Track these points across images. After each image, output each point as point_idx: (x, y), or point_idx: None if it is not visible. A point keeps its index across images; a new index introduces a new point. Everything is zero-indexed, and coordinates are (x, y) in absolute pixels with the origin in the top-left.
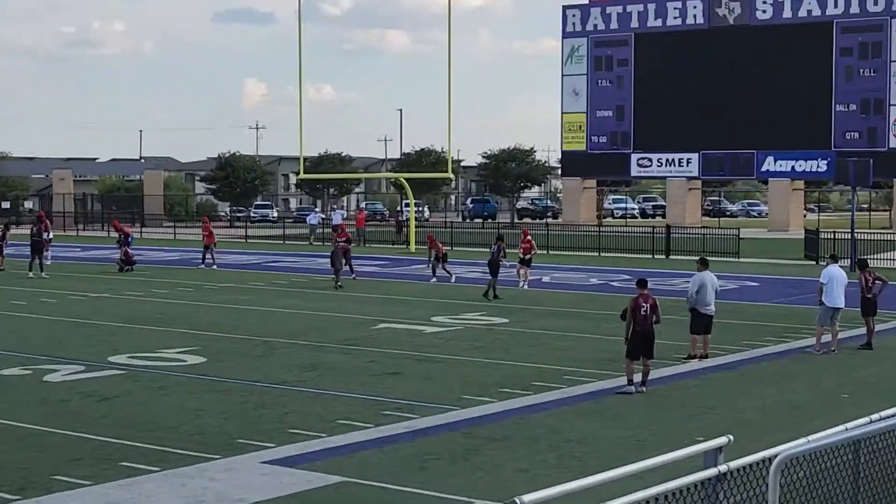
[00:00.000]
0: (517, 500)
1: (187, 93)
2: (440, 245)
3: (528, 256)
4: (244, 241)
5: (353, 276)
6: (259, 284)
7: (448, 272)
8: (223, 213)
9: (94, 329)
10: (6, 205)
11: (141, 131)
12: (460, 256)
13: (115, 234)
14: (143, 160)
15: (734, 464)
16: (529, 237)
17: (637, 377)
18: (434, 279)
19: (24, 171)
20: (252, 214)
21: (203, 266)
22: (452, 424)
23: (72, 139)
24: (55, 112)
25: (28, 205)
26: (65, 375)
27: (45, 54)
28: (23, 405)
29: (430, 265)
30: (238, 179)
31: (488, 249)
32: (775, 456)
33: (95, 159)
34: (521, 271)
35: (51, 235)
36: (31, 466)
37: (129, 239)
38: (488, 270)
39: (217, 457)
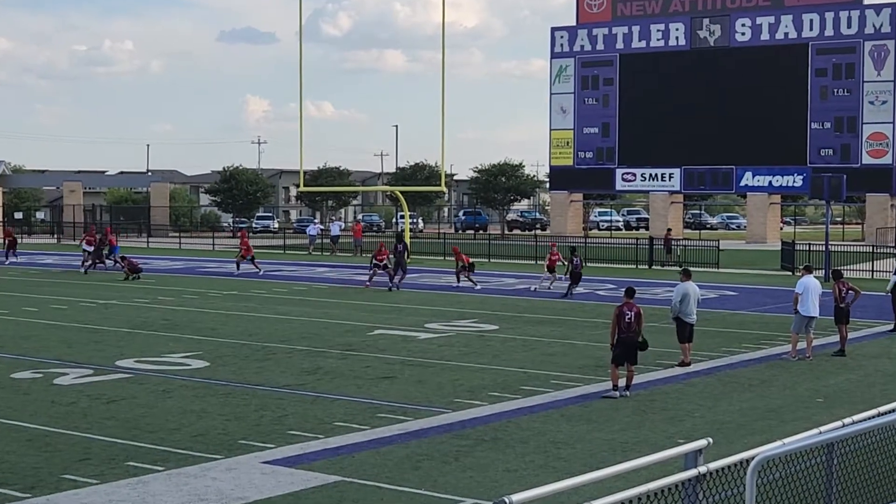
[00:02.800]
0: (506, 500)
1: (193, 109)
2: (465, 256)
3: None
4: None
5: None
6: (260, 292)
7: (473, 282)
8: (226, 224)
9: (103, 334)
10: (19, 215)
11: (148, 145)
12: (452, 266)
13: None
14: (150, 173)
15: (713, 465)
16: (556, 250)
17: (622, 382)
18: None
19: (36, 184)
20: (254, 225)
21: (237, 274)
22: (444, 427)
23: (82, 153)
24: (67, 127)
25: (40, 215)
26: (74, 378)
27: (57, 72)
28: (33, 407)
29: (457, 274)
30: (241, 192)
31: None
32: (752, 458)
33: (104, 172)
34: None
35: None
36: (41, 466)
37: (115, 248)
38: (569, 279)
39: (219, 457)
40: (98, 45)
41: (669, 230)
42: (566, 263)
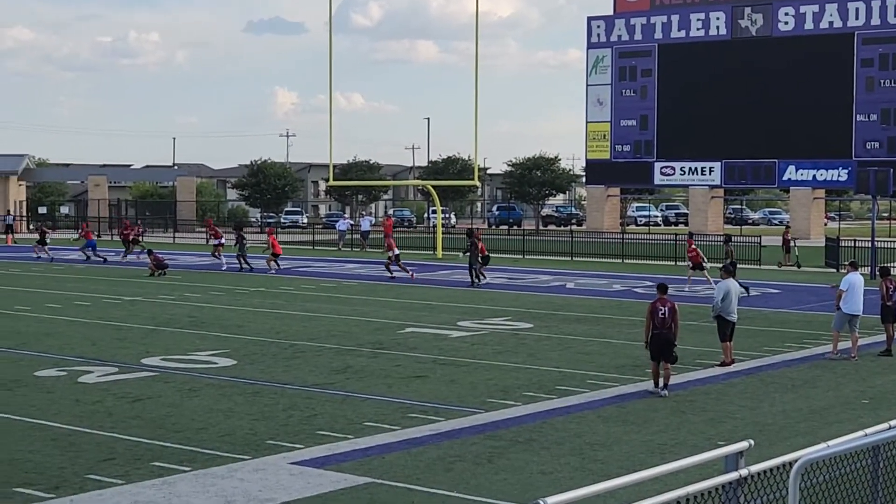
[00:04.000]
0: (541, 502)
1: (219, 101)
2: (483, 246)
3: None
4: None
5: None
6: (289, 289)
7: (482, 275)
8: (254, 220)
9: (128, 331)
10: (43, 210)
11: (174, 139)
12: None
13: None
14: (176, 167)
15: (755, 468)
16: (695, 246)
17: (661, 381)
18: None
19: (60, 178)
20: (282, 220)
21: (272, 273)
22: (477, 427)
23: (107, 146)
24: (91, 120)
25: (64, 210)
26: (99, 377)
27: (82, 64)
28: (57, 406)
29: (470, 271)
30: (269, 186)
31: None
32: (795, 460)
33: (130, 166)
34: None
35: (222, 241)
36: (66, 465)
37: (91, 242)
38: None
39: (247, 457)
40: (123, 36)
41: (788, 227)
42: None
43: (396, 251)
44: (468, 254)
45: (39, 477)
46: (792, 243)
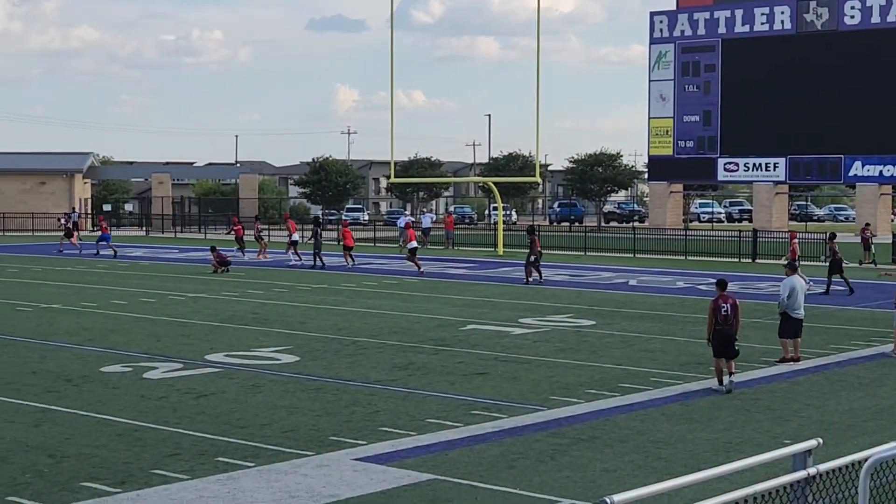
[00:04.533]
0: (607, 500)
1: (282, 99)
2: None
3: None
4: (336, 243)
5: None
6: (350, 286)
7: (539, 273)
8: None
9: (192, 328)
10: (107, 207)
11: (237, 136)
12: (547, 259)
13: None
14: (238, 164)
15: (823, 467)
16: (796, 241)
17: (726, 379)
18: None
19: (124, 175)
20: (343, 217)
21: (350, 268)
22: (540, 424)
23: (170, 144)
24: (155, 118)
25: (128, 207)
26: (163, 373)
27: (145, 62)
28: (123, 401)
29: (526, 268)
30: (330, 183)
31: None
32: (866, 459)
33: (193, 163)
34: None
35: (295, 237)
36: (131, 460)
37: (107, 236)
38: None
39: (310, 453)
40: (186, 35)
41: (867, 225)
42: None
43: (413, 244)
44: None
45: (106, 471)
46: (871, 241)
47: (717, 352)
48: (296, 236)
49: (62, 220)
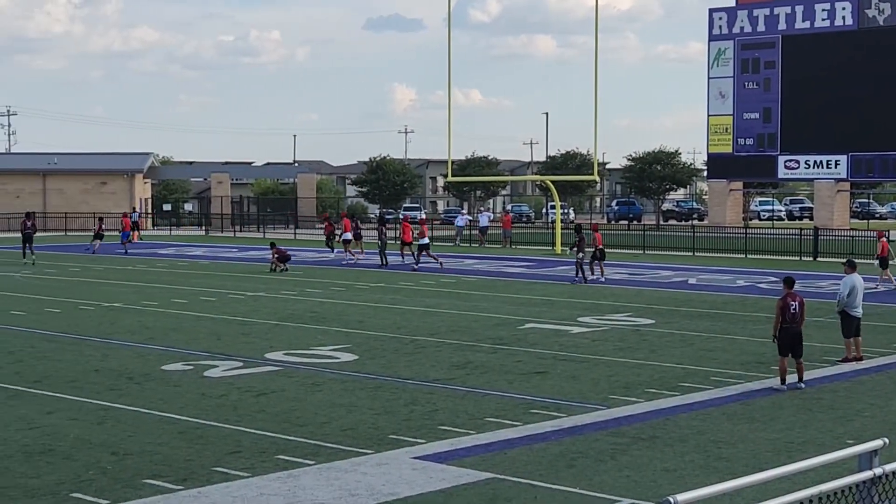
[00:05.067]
0: (670, 500)
1: (339, 98)
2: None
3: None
4: (394, 241)
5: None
6: (408, 284)
7: (601, 270)
8: (373, 216)
9: (251, 326)
10: (167, 207)
11: (294, 136)
12: (606, 258)
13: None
14: (296, 164)
15: (889, 467)
16: (884, 239)
17: (791, 378)
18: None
19: (184, 175)
20: (400, 216)
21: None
22: (600, 424)
23: (229, 144)
24: (213, 118)
25: (188, 207)
26: (224, 371)
27: (204, 62)
28: (184, 399)
29: (585, 266)
30: (387, 182)
31: None
32: None
33: (251, 163)
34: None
35: (345, 236)
36: (193, 458)
37: (127, 233)
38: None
39: (369, 451)
40: (244, 35)
41: None
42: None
43: (426, 240)
44: (575, 249)
45: (168, 469)
46: None
47: (782, 350)
48: (348, 235)
49: (25, 223)
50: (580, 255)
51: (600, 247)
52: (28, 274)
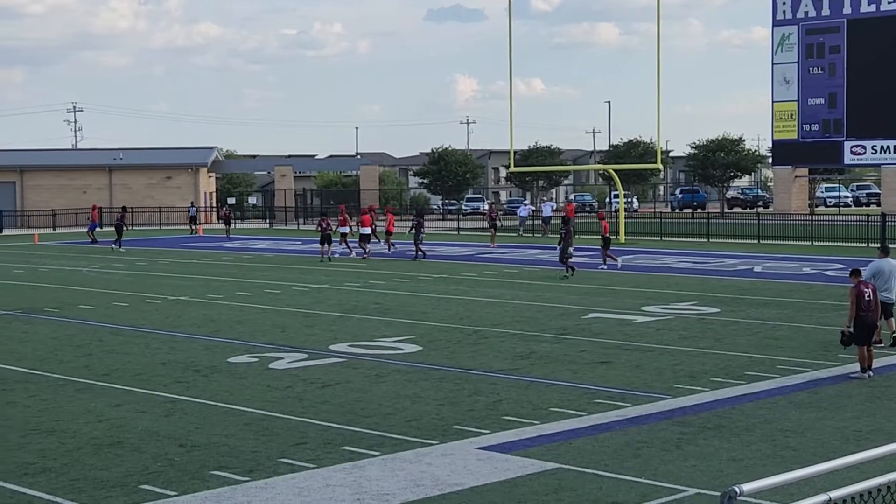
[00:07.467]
0: (736, 489)
1: (401, 90)
2: (606, 224)
3: None
4: (456, 233)
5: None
6: (471, 275)
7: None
8: (435, 207)
9: (315, 318)
10: (232, 200)
11: (357, 128)
12: (669, 246)
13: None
14: (359, 156)
15: None
16: None
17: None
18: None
19: (248, 169)
20: (464, 207)
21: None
22: (664, 413)
23: (292, 137)
24: (276, 111)
25: (252, 200)
26: (289, 363)
27: (267, 56)
28: (250, 391)
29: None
30: (449, 173)
31: None
32: None
33: (314, 156)
34: None
35: (348, 229)
36: (259, 449)
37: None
38: None
39: (434, 442)
40: (307, 28)
41: None
42: None
43: (367, 229)
44: (561, 243)
45: (234, 460)
46: None
47: (861, 339)
48: (366, 230)
49: (118, 217)
50: (570, 249)
51: (605, 235)
52: (96, 269)
